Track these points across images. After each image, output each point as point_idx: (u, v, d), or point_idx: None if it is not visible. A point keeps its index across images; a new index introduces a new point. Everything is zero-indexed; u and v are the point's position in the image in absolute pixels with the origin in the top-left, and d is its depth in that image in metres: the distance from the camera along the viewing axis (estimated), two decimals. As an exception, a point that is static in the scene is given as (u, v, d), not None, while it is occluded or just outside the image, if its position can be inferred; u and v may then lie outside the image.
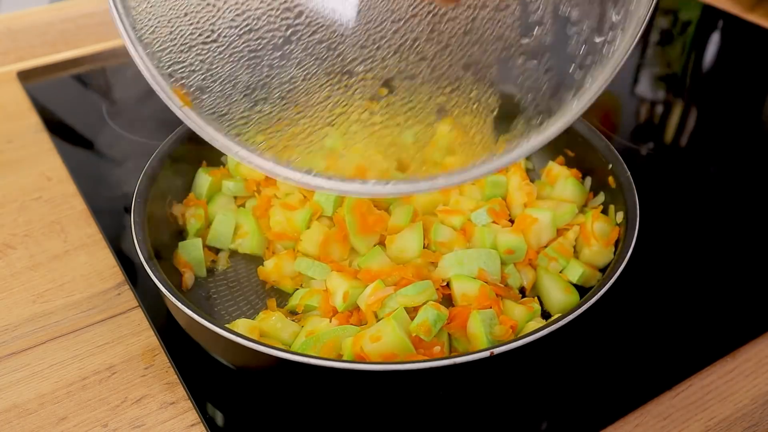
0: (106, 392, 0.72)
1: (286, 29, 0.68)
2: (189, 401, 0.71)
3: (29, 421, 0.69)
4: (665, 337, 0.77)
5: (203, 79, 0.68)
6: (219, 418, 0.69)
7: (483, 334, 0.69)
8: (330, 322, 0.74)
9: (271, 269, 0.81)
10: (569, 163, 0.90)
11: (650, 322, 0.79)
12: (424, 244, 0.80)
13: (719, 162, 1.02)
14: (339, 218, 0.81)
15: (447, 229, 0.81)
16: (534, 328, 0.66)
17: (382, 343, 0.67)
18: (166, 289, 0.68)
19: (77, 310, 0.81)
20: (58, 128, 1.08)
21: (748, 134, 1.10)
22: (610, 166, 0.82)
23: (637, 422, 0.69)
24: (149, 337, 0.77)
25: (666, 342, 0.76)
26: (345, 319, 0.75)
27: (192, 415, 0.70)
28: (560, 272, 0.79)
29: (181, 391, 0.72)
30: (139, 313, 0.80)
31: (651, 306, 0.81)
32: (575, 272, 0.78)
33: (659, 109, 1.16)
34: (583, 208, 0.86)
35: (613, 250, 0.79)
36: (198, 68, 0.68)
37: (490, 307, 0.72)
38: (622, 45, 0.63)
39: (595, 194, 0.87)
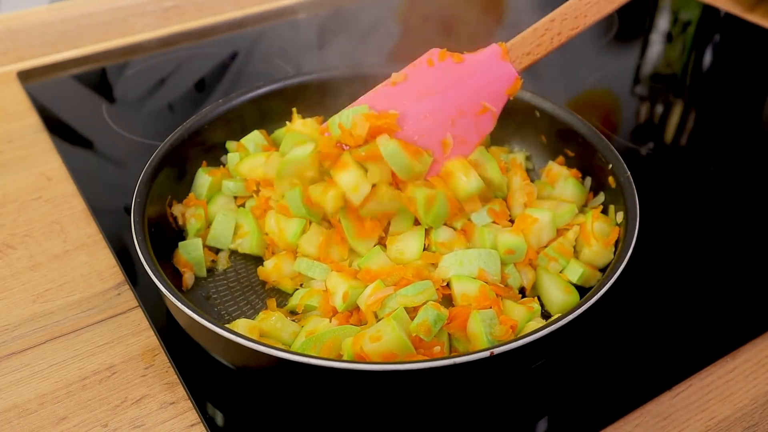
0: (106, 392, 0.72)
1: None
2: (189, 401, 0.71)
3: (29, 421, 0.69)
4: (665, 337, 0.77)
5: None
6: (219, 418, 0.69)
7: (483, 334, 0.69)
8: (330, 322, 0.74)
9: (271, 269, 0.81)
10: (569, 163, 0.90)
11: (650, 322, 0.79)
12: (424, 245, 0.80)
13: (719, 162, 1.02)
14: (336, 221, 0.81)
15: (447, 230, 0.81)
16: (534, 328, 0.66)
17: (382, 343, 0.67)
18: (166, 289, 0.68)
19: (77, 310, 0.81)
20: (58, 128, 1.08)
21: (748, 134, 1.10)
22: (610, 166, 0.82)
23: (637, 422, 0.69)
24: (149, 337, 0.77)
25: (666, 342, 0.76)
26: (345, 319, 0.75)
27: (192, 415, 0.70)
28: (560, 272, 0.79)
29: (181, 391, 0.72)
30: (139, 313, 0.80)
31: (651, 306, 0.81)
32: (575, 272, 0.78)
33: (659, 109, 1.16)
34: (583, 208, 0.86)
35: (613, 250, 0.79)
36: None
37: (490, 307, 0.72)
38: None
39: (595, 194, 0.87)
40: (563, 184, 0.86)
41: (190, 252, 0.81)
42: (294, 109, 0.96)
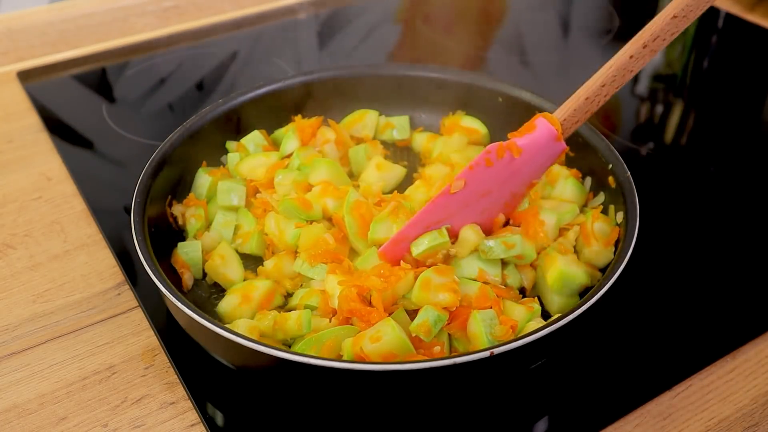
0: (106, 392, 0.72)
1: None
2: (189, 401, 0.71)
3: (29, 421, 0.69)
4: (665, 337, 0.77)
5: None
6: (219, 418, 0.69)
7: (483, 334, 0.69)
8: (330, 321, 0.74)
9: (271, 269, 0.81)
10: (569, 163, 0.90)
11: (650, 322, 0.79)
12: None
13: (719, 162, 1.02)
14: (338, 219, 0.81)
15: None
16: (534, 328, 0.66)
17: (382, 343, 0.67)
18: (166, 289, 0.68)
19: (77, 310, 0.81)
20: (58, 128, 1.08)
21: (748, 134, 1.10)
22: (610, 166, 0.82)
23: (637, 422, 0.69)
24: (149, 337, 0.77)
25: (666, 342, 0.76)
26: (345, 319, 0.75)
27: (192, 415, 0.70)
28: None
29: (181, 391, 0.72)
30: (139, 313, 0.80)
31: (651, 306, 0.81)
32: None
33: (659, 109, 1.16)
34: (583, 208, 0.86)
35: (613, 250, 0.79)
36: None
37: (490, 308, 0.72)
38: None
39: (595, 194, 0.87)
40: (563, 184, 0.86)
41: (188, 253, 0.81)
42: (298, 116, 0.96)
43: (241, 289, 0.77)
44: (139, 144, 1.04)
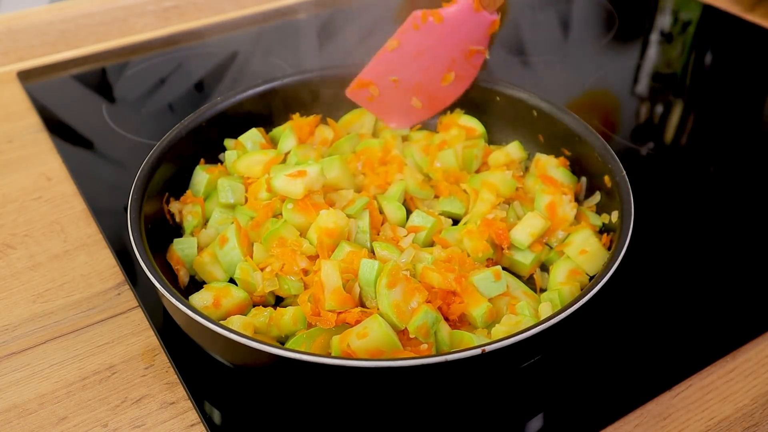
0: (106, 392, 0.72)
1: None
2: (189, 401, 0.71)
3: (29, 421, 0.69)
4: (665, 337, 0.77)
5: None
6: (219, 418, 0.69)
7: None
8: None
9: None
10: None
11: (650, 322, 0.79)
12: None
13: (719, 162, 1.02)
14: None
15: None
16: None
17: (369, 339, 0.67)
18: (159, 283, 0.68)
19: (77, 310, 0.81)
20: (58, 128, 1.09)
21: (748, 134, 1.10)
22: (607, 165, 0.82)
23: (637, 422, 0.69)
24: (149, 337, 0.77)
25: (666, 342, 0.76)
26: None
27: (192, 415, 0.70)
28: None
29: (181, 391, 0.72)
30: (139, 313, 0.80)
31: (651, 306, 0.81)
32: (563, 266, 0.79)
33: (659, 109, 1.16)
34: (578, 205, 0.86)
35: (608, 250, 0.79)
36: None
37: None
38: None
39: (591, 193, 0.87)
40: (553, 173, 0.87)
41: (184, 249, 0.81)
42: (297, 114, 0.96)
43: (216, 289, 0.76)
44: (139, 144, 1.04)
